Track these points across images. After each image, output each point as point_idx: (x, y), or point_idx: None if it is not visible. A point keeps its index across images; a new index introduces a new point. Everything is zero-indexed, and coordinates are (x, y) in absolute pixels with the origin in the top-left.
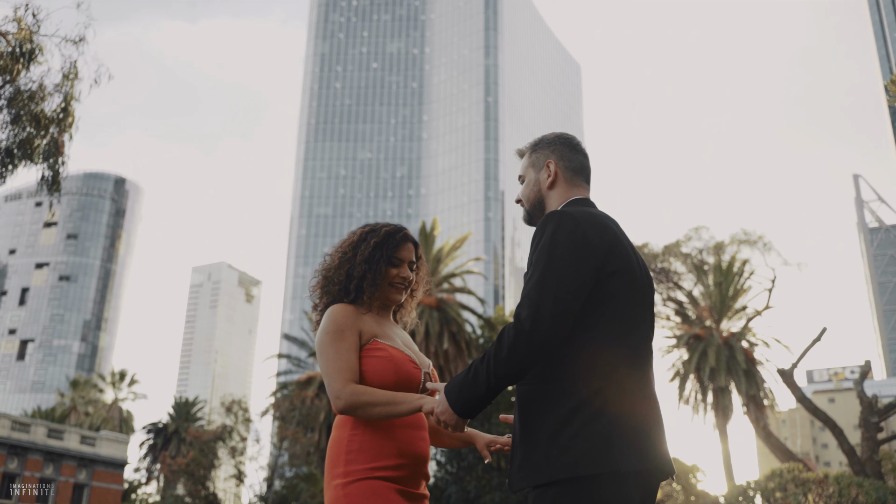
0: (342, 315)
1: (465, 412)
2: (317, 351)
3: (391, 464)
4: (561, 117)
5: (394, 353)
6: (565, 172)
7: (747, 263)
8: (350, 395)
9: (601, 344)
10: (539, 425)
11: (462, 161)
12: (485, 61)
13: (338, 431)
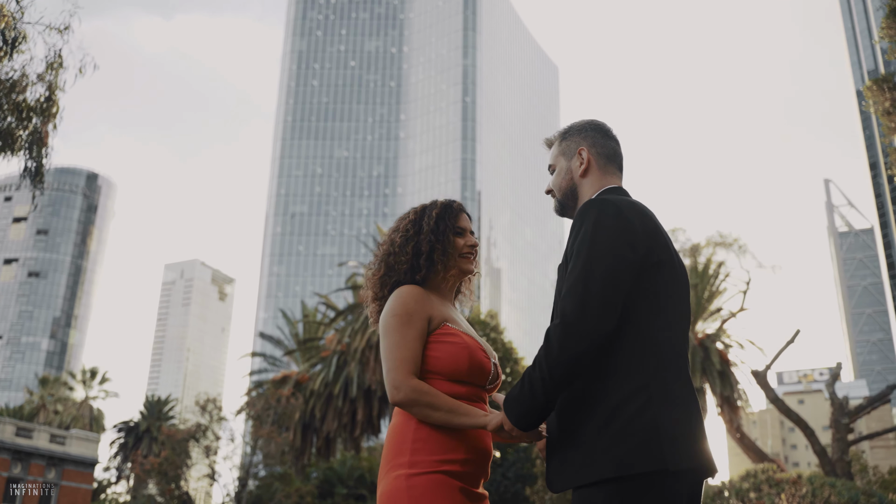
0: (412, 297)
1: (527, 426)
2: (380, 332)
3: (458, 458)
4: (538, 118)
5: (466, 339)
6: (598, 160)
7: (723, 266)
8: (411, 390)
9: (644, 337)
10: (580, 424)
11: (439, 161)
12: (463, 61)
13: (402, 417)
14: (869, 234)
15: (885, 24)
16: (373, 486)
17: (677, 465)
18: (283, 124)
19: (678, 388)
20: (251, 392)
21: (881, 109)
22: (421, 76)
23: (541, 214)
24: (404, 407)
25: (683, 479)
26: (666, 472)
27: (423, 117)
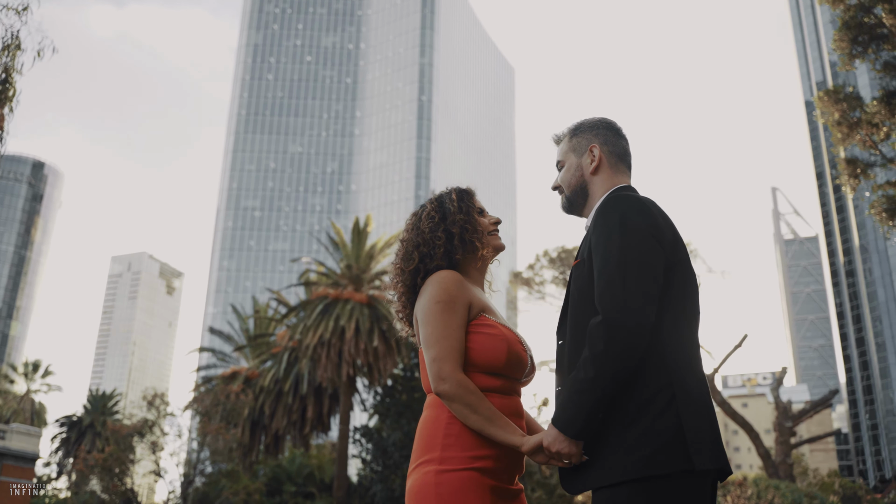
0: (454, 283)
1: (579, 432)
2: (421, 320)
3: (491, 453)
4: (494, 119)
5: (505, 331)
6: (610, 158)
7: None
8: (458, 384)
9: (665, 336)
10: (601, 424)
11: (394, 158)
12: (420, 60)
13: (435, 411)
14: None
15: (838, 37)
16: (322, 484)
17: (703, 466)
18: (236, 118)
19: (697, 388)
20: (199, 388)
21: (831, 120)
22: (377, 73)
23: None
24: (445, 399)
25: (706, 479)
26: (691, 472)
27: (378, 115)
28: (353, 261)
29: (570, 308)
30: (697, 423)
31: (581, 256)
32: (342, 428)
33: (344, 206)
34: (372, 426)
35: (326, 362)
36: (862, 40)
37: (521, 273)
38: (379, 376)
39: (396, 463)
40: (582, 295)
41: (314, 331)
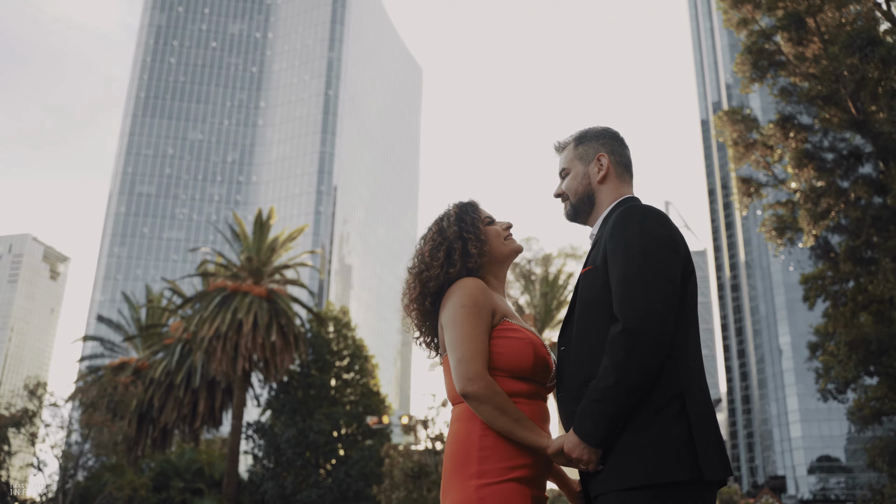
0: (478, 288)
1: (599, 441)
2: (446, 324)
3: (528, 462)
4: (400, 118)
5: (530, 335)
6: (616, 167)
7: (572, 277)
8: (488, 386)
9: (677, 346)
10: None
11: (297, 152)
12: (328, 53)
13: (465, 424)
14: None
15: (740, 60)
16: (211, 481)
17: (711, 476)
18: (134, 100)
19: (704, 398)
20: (85, 378)
21: (729, 139)
22: (284, 65)
23: (395, 214)
24: (473, 401)
25: (713, 488)
26: (701, 481)
27: (283, 106)
28: (255, 253)
29: (576, 314)
30: (706, 433)
31: (593, 264)
32: (235, 423)
33: (244, 197)
34: (265, 422)
35: (222, 355)
36: (761, 65)
37: None
38: (275, 372)
39: (289, 460)
40: (593, 302)
41: (210, 323)
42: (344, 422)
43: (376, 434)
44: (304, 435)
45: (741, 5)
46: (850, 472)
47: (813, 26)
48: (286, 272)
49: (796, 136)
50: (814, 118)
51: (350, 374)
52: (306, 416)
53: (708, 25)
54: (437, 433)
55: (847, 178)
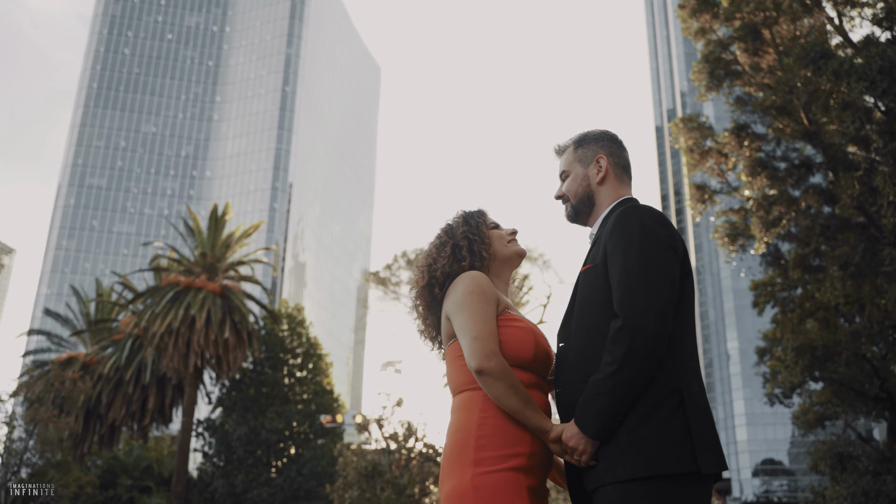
0: (483, 279)
1: (598, 433)
2: (455, 310)
3: (525, 451)
4: (357, 117)
5: (532, 326)
6: (615, 169)
7: (527, 279)
8: (503, 364)
9: (674, 344)
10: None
11: (252, 148)
12: (287, 50)
13: (465, 413)
14: None
15: (697, 69)
16: (160, 478)
17: (708, 469)
18: (86, 91)
19: (701, 394)
20: (31, 372)
21: (685, 146)
22: (241, 59)
23: (350, 212)
24: (490, 376)
25: (708, 481)
26: (697, 474)
27: (239, 101)
28: (209, 249)
29: (576, 312)
30: (703, 428)
31: (593, 262)
32: (185, 420)
33: (197, 192)
34: (216, 420)
35: (173, 352)
36: (718, 74)
37: (378, 272)
38: (228, 369)
39: (240, 458)
40: (593, 299)
41: (162, 318)
42: (296, 420)
43: (329, 433)
44: (255, 433)
45: (700, 15)
46: (792, 474)
47: (769, 38)
48: (241, 269)
49: (750, 144)
50: (767, 128)
51: (303, 372)
52: (258, 414)
53: (664, 33)
54: (391, 432)
55: (798, 187)
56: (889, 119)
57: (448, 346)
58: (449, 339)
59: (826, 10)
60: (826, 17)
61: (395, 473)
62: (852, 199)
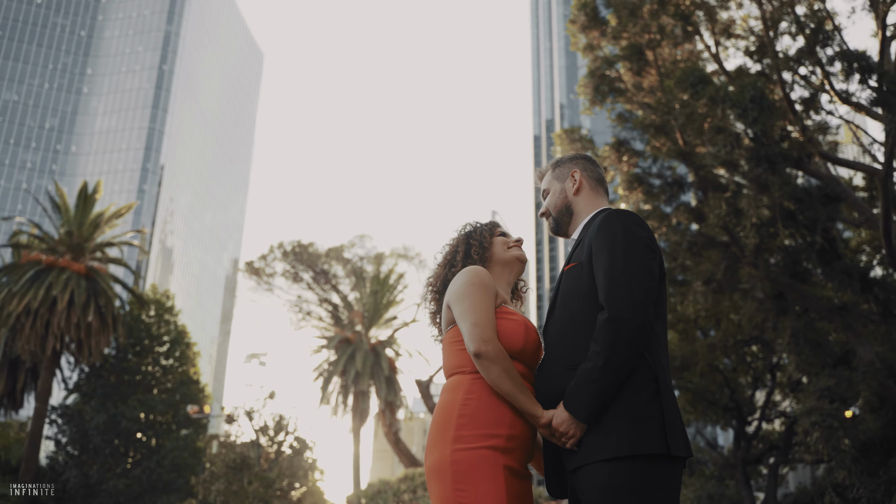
0: (484, 272)
1: (587, 417)
2: (456, 298)
3: (503, 433)
4: (236, 102)
5: (525, 320)
6: (589, 181)
7: (403, 277)
8: (500, 349)
9: (653, 339)
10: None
11: (124, 125)
12: (166, 27)
13: (451, 394)
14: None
15: (583, 83)
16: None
17: (678, 452)
18: None
19: (670, 385)
20: None
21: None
22: (117, 32)
23: (224, 200)
24: (487, 360)
25: (679, 464)
26: (668, 456)
27: (112, 76)
28: (76, 227)
29: (559, 308)
30: (674, 415)
31: (577, 261)
32: (39, 406)
33: (60, 167)
34: (72, 406)
35: (30, 333)
36: (602, 90)
37: (253, 262)
38: (89, 354)
39: (97, 448)
40: (578, 294)
41: (20, 298)
42: (159, 410)
43: (192, 424)
44: (115, 421)
45: (589, 31)
46: None
47: (652, 59)
48: (109, 250)
49: (629, 160)
50: (646, 145)
51: (169, 360)
52: (118, 402)
53: (548, 45)
54: (261, 425)
55: (670, 204)
56: (757, 146)
57: (446, 332)
58: (448, 325)
59: (705, 37)
60: (704, 44)
61: (264, 466)
62: (719, 219)
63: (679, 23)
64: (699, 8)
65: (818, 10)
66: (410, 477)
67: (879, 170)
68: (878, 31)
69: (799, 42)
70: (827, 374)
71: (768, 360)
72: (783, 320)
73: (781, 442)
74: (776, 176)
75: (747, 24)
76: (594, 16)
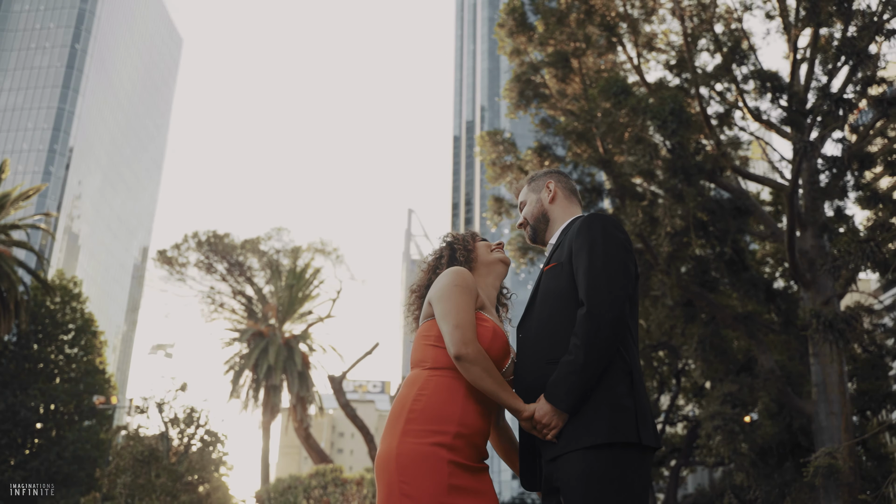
0: (469, 275)
1: (570, 407)
2: (439, 297)
3: (451, 430)
4: (152, 88)
5: (496, 326)
6: (563, 191)
7: (319, 272)
8: (479, 350)
9: (627, 335)
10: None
11: (32, 104)
12: (80, 4)
13: (406, 389)
14: None
15: (509, 87)
16: None
17: (647, 441)
18: None
19: (642, 378)
20: None
21: (489, 159)
22: (28, 6)
23: (135, 186)
24: (466, 362)
25: (649, 453)
26: (640, 445)
27: (21, 52)
28: None
29: (538, 305)
30: (645, 407)
31: (557, 261)
32: None
33: None
34: None
35: None
36: (527, 95)
37: (166, 251)
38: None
39: None
40: (558, 291)
41: None
42: (61, 400)
43: (96, 415)
44: (13, 411)
45: (516, 36)
46: None
47: (576, 67)
48: (13, 233)
49: (550, 164)
50: (567, 151)
51: (74, 349)
52: (18, 391)
53: (471, 48)
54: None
55: (588, 210)
56: (674, 157)
57: (420, 325)
58: (424, 319)
59: (628, 49)
60: (627, 55)
61: (173, 460)
62: (635, 226)
63: (604, 33)
64: (624, 20)
65: (735, 29)
66: (321, 473)
67: (786, 186)
68: (789, 54)
69: (717, 59)
70: (730, 381)
71: (674, 365)
72: (691, 327)
73: (684, 445)
74: (691, 187)
75: (668, 38)
76: (522, 21)
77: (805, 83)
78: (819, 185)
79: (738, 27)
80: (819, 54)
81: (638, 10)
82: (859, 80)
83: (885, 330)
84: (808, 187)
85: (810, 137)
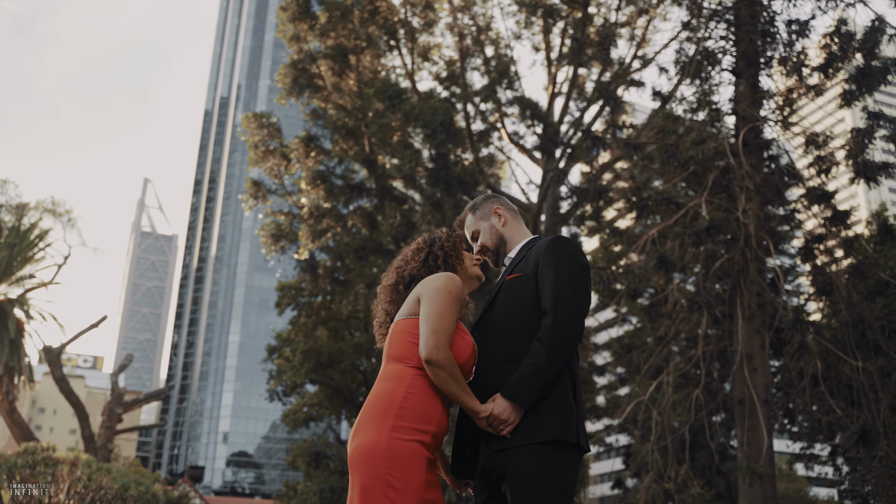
0: (462, 286)
1: (528, 404)
2: (428, 297)
3: (431, 430)
4: None
5: (471, 339)
6: (509, 213)
7: (48, 234)
8: (449, 357)
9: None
10: None
11: None
12: None
13: (393, 383)
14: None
15: (283, 72)
16: None
17: (583, 444)
18: None
19: (580, 387)
20: None
21: (252, 141)
22: None
23: None
24: (436, 366)
25: (581, 454)
26: (578, 446)
27: None
28: None
29: (498, 309)
30: (581, 414)
31: (522, 272)
32: None
33: None
34: None
35: None
36: (301, 83)
37: None
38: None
39: None
40: (522, 300)
41: None
42: None
43: None
44: None
45: (298, 23)
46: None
47: (354, 64)
48: None
49: (316, 156)
50: (333, 145)
51: None
52: None
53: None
54: None
55: (348, 206)
56: (437, 167)
57: (404, 320)
58: (409, 314)
59: (404, 55)
60: (403, 61)
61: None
62: (392, 228)
63: (385, 36)
64: (404, 27)
65: (504, 55)
66: (31, 451)
67: (533, 206)
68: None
69: (484, 80)
70: None
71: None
72: None
73: None
74: (450, 198)
75: (441, 51)
76: (306, 8)
77: (560, 116)
78: (559, 212)
79: (506, 54)
80: (575, 91)
81: (418, 19)
82: (609, 121)
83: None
84: (550, 212)
85: (559, 166)
